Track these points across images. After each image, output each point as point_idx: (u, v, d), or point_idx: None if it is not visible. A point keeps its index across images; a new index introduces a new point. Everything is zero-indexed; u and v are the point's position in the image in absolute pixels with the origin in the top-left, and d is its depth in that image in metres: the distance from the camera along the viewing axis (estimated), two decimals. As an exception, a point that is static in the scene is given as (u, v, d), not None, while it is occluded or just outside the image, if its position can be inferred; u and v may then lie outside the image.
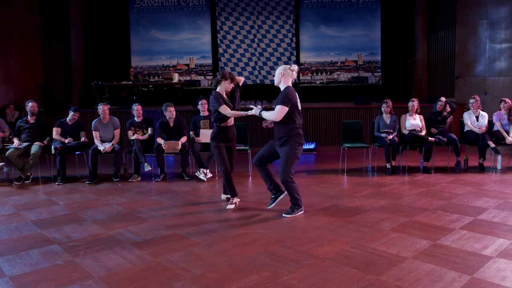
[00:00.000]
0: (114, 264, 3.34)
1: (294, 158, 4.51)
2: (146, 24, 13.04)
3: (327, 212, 4.70)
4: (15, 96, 11.10)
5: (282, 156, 4.56)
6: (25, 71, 11.31)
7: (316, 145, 9.52)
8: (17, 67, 11.21)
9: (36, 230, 4.27)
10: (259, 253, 3.53)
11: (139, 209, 4.94)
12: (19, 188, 6.31)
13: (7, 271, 3.25)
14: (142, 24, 13.04)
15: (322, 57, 13.04)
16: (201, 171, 6.59)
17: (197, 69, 13.16)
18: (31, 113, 6.91)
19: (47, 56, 11.82)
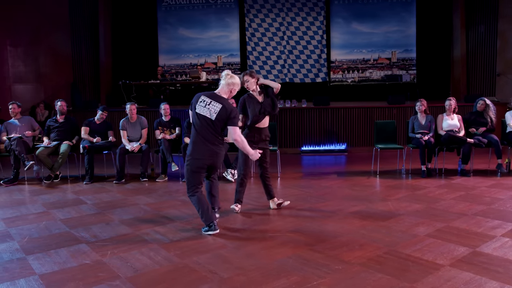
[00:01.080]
0: (141, 265, 3.40)
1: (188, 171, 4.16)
2: (174, 23, 13.23)
3: (359, 216, 4.63)
4: (45, 95, 11.48)
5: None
6: (55, 70, 11.68)
7: (347, 146, 9.41)
8: (47, 67, 11.59)
9: (65, 229, 4.39)
10: (288, 256, 3.51)
11: (166, 209, 5.01)
12: (48, 187, 6.51)
13: (37, 269, 3.36)
14: (170, 22, 13.24)
15: (354, 55, 12.88)
16: (228, 171, 6.62)
17: (225, 67, 13.25)
18: (60, 112, 7.12)
19: (76, 56, 12.17)
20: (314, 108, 9.48)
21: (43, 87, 11.58)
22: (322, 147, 9.43)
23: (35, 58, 11.46)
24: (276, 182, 6.59)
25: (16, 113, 7.09)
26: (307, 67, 12.92)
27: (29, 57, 11.35)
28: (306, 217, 4.62)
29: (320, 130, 9.46)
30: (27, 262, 3.51)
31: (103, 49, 12.36)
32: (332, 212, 4.81)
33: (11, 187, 6.54)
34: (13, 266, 3.43)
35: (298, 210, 4.92)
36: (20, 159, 6.65)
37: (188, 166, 4.11)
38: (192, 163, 4.10)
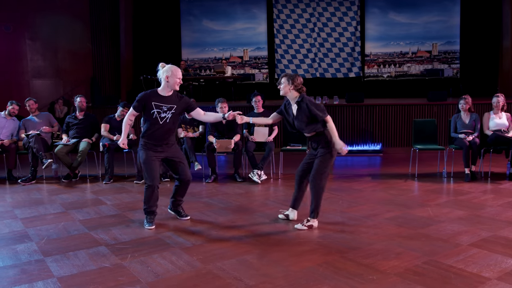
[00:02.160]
0: (162, 270, 3.45)
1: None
2: (197, 14, 13.35)
3: (395, 222, 4.56)
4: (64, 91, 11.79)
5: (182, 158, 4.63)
6: (74, 65, 11.97)
7: (383, 146, 9.29)
8: (66, 61, 11.89)
9: (84, 230, 4.50)
10: (318, 264, 3.49)
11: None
12: (67, 186, 6.68)
13: (55, 272, 3.45)
14: (194, 14, 13.37)
15: (391, 47, 12.70)
16: (255, 172, 6.64)
17: (252, 61, 13.29)
18: (79, 109, 7.29)
19: (96, 50, 12.44)
20: (347, 106, 9.39)
21: (62, 82, 11.90)
22: (355, 147, 9.34)
23: (54, 53, 11.78)
24: (305, 184, 6.54)
25: (33, 110, 7.30)
26: (339, 61, 12.82)
27: (48, 51, 11.68)
28: (337, 223, 4.59)
29: (353, 129, 9.37)
30: (46, 264, 3.61)
31: (124, 43, 12.59)
32: (365, 217, 4.76)
33: (29, 186, 6.74)
34: (31, 268, 3.54)
35: (329, 214, 4.89)
36: (38, 157, 6.84)
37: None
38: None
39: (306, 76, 12.88)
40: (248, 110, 9.15)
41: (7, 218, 5.00)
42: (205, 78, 12.53)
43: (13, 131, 7.23)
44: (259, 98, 7.13)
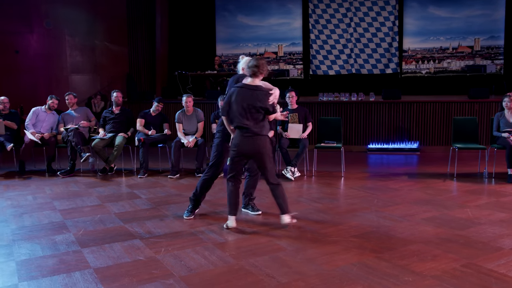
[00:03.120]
0: (195, 264, 3.50)
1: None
2: (232, 10, 13.40)
3: (432, 223, 4.46)
4: (101, 86, 12.08)
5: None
6: (111, 61, 12.25)
7: (420, 145, 9.09)
8: (103, 57, 12.18)
9: (119, 223, 4.61)
10: (351, 263, 3.46)
11: (221, 207, 5.10)
12: (103, 180, 6.86)
13: (92, 263, 3.55)
14: (229, 9, 13.42)
15: (430, 43, 12.38)
16: (288, 169, 6.63)
17: (286, 57, 13.24)
18: (115, 104, 7.45)
19: (132, 46, 12.68)
20: (383, 102, 9.24)
21: (99, 78, 12.19)
22: (391, 145, 9.18)
23: (92, 49, 12.08)
24: (340, 182, 6.50)
25: (72, 104, 7.51)
26: (376, 57, 12.60)
27: (86, 47, 11.98)
28: (372, 222, 4.53)
29: (389, 127, 9.21)
30: (82, 255, 3.72)
31: (160, 39, 12.78)
32: (401, 217, 4.68)
33: (68, 178, 6.96)
34: (69, 258, 3.65)
35: (363, 213, 4.83)
36: (76, 151, 7.04)
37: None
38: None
39: (342, 72, 12.72)
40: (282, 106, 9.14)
41: (46, 209, 5.18)
42: (239, 74, 12.56)
43: (53, 124, 7.47)
44: (293, 94, 7.11)
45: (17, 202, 5.52)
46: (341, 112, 9.34)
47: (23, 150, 7.10)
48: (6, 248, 3.91)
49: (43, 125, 7.37)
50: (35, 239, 4.14)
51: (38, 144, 7.17)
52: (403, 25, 12.43)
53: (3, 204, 5.45)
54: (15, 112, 7.67)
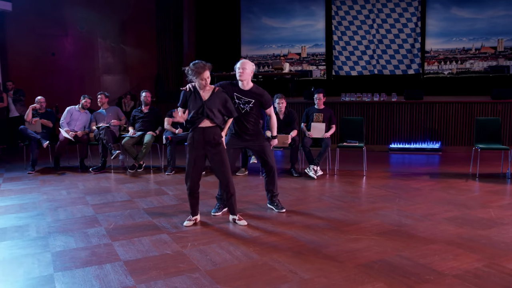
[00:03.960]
0: (220, 259, 3.52)
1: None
2: (257, 12, 13.40)
3: (454, 222, 4.38)
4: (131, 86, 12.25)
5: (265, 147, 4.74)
6: (141, 62, 12.41)
7: (442, 145, 8.92)
8: (133, 59, 12.35)
9: (148, 218, 4.67)
10: (373, 261, 3.43)
11: (245, 204, 5.11)
12: (132, 176, 6.96)
13: (122, 255, 3.61)
14: (253, 11, 13.43)
15: (452, 44, 12.14)
16: (311, 168, 6.60)
17: (309, 58, 13.18)
18: (144, 103, 7.55)
19: (161, 48, 12.82)
20: (405, 103, 9.10)
21: (129, 78, 12.37)
22: (413, 145, 9.04)
23: (123, 50, 12.26)
24: (361, 181, 6.44)
25: (103, 103, 7.64)
26: (398, 58, 12.43)
27: (117, 49, 12.17)
28: (393, 220, 4.47)
29: (411, 127, 9.07)
30: (113, 248, 3.78)
31: (187, 41, 12.88)
32: (423, 216, 4.60)
33: (99, 174, 7.08)
34: (100, 251, 3.73)
35: (385, 212, 4.77)
36: (107, 148, 7.17)
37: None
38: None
39: (364, 72, 12.58)
40: (305, 106, 9.11)
41: (79, 204, 5.29)
42: (263, 74, 12.58)
43: (86, 123, 7.61)
44: (321, 96, 7.05)
45: (52, 197, 5.65)
46: (363, 112, 9.24)
47: (58, 147, 7.27)
48: (43, 240, 4.02)
49: (77, 124, 7.52)
50: (69, 232, 4.23)
51: (71, 142, 7.32)
52: (426, 26, 12.22)
53: (40, 198, 5.59)
54: (51, 111, 7.86)
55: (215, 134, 4.24)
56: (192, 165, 4.30)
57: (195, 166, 4.30)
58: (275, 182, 4.88)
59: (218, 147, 4.25)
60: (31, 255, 3.68)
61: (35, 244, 3.92)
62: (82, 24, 11.60)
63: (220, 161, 4.27)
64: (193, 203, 4.43)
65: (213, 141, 4.23)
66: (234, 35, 13.50)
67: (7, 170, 7.46)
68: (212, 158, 4.29)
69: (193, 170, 4.31)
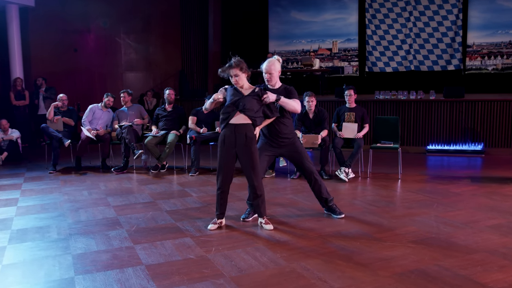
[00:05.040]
0: (245, 265, 3.52)
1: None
2: (286, 5, 13.38)
3: (499, 231, 4.25)
4: (154, 84, 12.43)
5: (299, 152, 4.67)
6: (164, 58, 12.58)
7: (484, 147, 8.70)
8: (157, 55, 12.53)
9: (170, 220, 4.71)
10: (409, 270, 3.36)
11: (272, 207, 5.10)
12: (155, 177, 7.05)
13: (144, 259, 3.66)
14: (282, 5, 13.41)
15: (497, 37, 11.81)
16: (342, 170, 6.54)
17: (341, 54, 13.08)
18: (168, 101, 7.63)
19: (185, 43, 12.96)
20: (445, 101, 8.92)
21: (152, 75, 12.56)
22: (453, 146, 8.85)
23: (146, 47, 12.45)
24: (396, 184, 6.34)
25: (126, 101, 7.76)
26: (437, 53, 12.18)
27: (140, 45, 12.37)
28: (431, 227, 4.38)
29: (451, 127, 8.88)
30: (135, 251, 3.83)
31: (212, 37, 12.97)
32: (463, 223, 4.49)
33: (121, 175, 7.20)
34: (122, 254, 3.78)
35: (421, 218, 4.68)
36: (130, 148, 7.28)
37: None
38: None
39: (400, 69, 12.39)
40: (336, 104, 9.05)
41: (101, 205, 5.39)
42: (292, 71, 12.54)
43: (108, 122, 7.76)
44: (352, 92, 6.98)
45: (73, 197, 5.78)
46: (398, 111, 9.10)
47: (79, 146, 7.42)
48: (64, 242, 4.11)
49: (99, 122, 7.67)
50: (90, 234, 4.31)
51: (93, 141, 7.47)
52: (468, 18, 11.93)
53: (61, 198, 5.72)
54: (73, 109, 8.04)
55: (248, 131, 4.29)
56: (223, 162, 4.37)
57: (226, 164, 4.37)
58: (322, 186, 4.78)
59: (249, 146, 4.29)
60: (52, 257, 3.76)
61: (56, 246, 4.01)
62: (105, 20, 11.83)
63: (249, 161, 4.30)
64: (221, 203, 4.47)
65: (244, 138, 4.27)
66: (262, 30, 13.51)
67: (29, 170, 7.67)
68: (241, 156, 4.33)
69: (224, 167, 4.37)
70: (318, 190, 4.76)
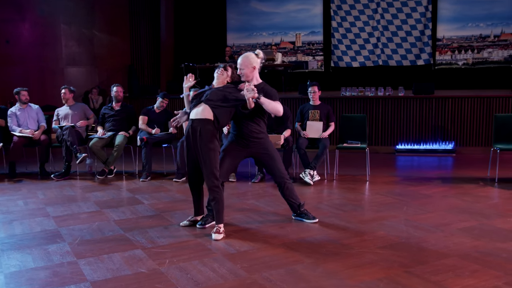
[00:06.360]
0: (203, 278, 3.50)
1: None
2: (245, -6, 13.40)
3: (470, 234, 4.41)
4: (100, 80, 12.18)
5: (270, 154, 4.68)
6: (111, 51, 12.35)
7: (456, 145, 8.99)
8: (102, 47, 12.28)
9: (119, 231, 4.64)
10: (377, 278, 3.43)
11: (232, 214, 5.10)
12: (101, 183, 6.91)
13: (88, 275, 3.58)
14: (241, -6, 13.43)
15: (468, 30, 12.23)
16: (306, 172, 6.61)
17: (305, 47, 13.22)
18: (115, 99, 7.50)
19: (134, 35, 12.77)
20: (414, 98, 9.16)
21: (97, 70, 12.30)
22: (423, 145, 9.10)
23: (89, 39, 12.18)
24: (364, 187, 6.46)
25: (67, 99, 7.57)
26: (405, 47, 12.51)
27: (84, 37, 12.09)
28: (401, 232, 4.49)
29: (421, 125, 9.13)
30: (78, 267, 3.75)
31: (165, 28, 12.83)
32: (434, 227, 4.63)
33: (62, 181, 7.03)
34: (63, 270, 3.68)
35: (391, 222, 4.79)
36: (72, 151, 7.11)
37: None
38: None
39: (367, 64, 12.64)
40: (300, 102, 9.13)
41: (39, 215, 5.24)
42: (252, 66, 12.54)
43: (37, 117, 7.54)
44: (316, 89, 7.06)
45: (6, 208, 5.59)
46: (366, 108, 9.28)
47: (12, 150, 7.18)
48: (-5, 258, 3.96)
49: (29, 122, 7.43)
50: (26, 249, 4.18)
51: (29, 143, 7.25)
52: (437, 10, 12.31)
53: (-8, 209, 5.53)
54: (5, 108, 7.78)
55: (202, 127, 4.35)
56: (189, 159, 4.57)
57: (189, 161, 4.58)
58: (293, 191, 4.83)
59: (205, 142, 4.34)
60: (-18, 275, 3.63)
61: (-13, 263, 3.87)
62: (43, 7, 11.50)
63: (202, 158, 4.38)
64: (193, 201, 4.80)
65: (199, 136, 4.34)
66: (219, 21, 13.48)
67: (-45, 177, 7.38)
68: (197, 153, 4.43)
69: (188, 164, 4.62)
70: (289, 195, 4.81)
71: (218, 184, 4.40)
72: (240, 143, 4.66)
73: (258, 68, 4.68)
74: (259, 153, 4.71)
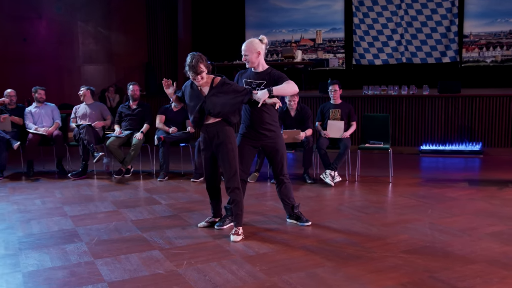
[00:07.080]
0: (221, 280, 3.52)
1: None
2: (264, -9, 13.42)
3: (499, 239, 4.35)
4: (117, 78, 12.30)
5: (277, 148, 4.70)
6: (128, 49, 12.47)
7: (483, 146, 8.88)
8: (119, 45, 12.41)
9: (136, 232, 4.68)
10: (401, 284, 3.41)
11: (251, 216, 5.11)
12: (118, 183, 6.98)
13: (106, 276, 3.62)
14: (260, -10, 13.44)
15: (497, 26, 12.06)
16: (327, 173, 6.59)
17: (325, 45, 13.18)
18: (132, 98, 7.57)
19: (152, 33, 12.86)
20: (439, 97, 9.08)
21: (114, 68, 12.44)
22: (449, 146, 9.01)
23: (106, 36, 12.32)
24: (387, 188, 6.42)
25: (85, 96, 7.65)
26: (430, 44, 12.39)
27: (101, 34, 12.23)
28: (425, 236, 4.45)
29: (446, 125, 9.04)
30: (95, 267, 3.80)
31: (182, 25, 12.91)
32: (460, 231, 4.58)
33: (80, 181, 7.12)
34: (80, 271, 3.74)
35: (414, 225, 4.75)
36: (89, 150, 7.19)
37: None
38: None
39: (390, 61, 12.55)
40: (321, 101, 9.11)
41: (56, 215, 5.31)
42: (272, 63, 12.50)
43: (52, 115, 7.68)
44: (337, 87, 7.04)
45: (24, 207, 5.68)
46: (389, 108, 9.22)
47: (27, 148, 7.29)
48: (12, 258, 4.03)
49: (44, 119, 7.55)
50: (44, 249, 4.25)
51: (44, 142, 7.37)
52: (464, 5, 12.17)
53: (9, 208, 5.62)
54: (23, 107, 7.90)
55: (219, 131, 4.38)
56: (206, 164, 4.67)
57: (206, 166, 4.67)
58: (291, 191, 4.87)
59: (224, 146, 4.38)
60: None
61: (3, 263, 3.93)
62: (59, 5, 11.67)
63: (223, 162, 4.43)
64: (211, 204, 4.83)
65: (216, 139, 4.38)
66: (238, 18, 13.52)
67: (-28, 176, 7.52)
68: (218, 156, 4.48)
69: (205, 169, 4.71)
70: (285, 195, 4.83)
71: (239, 186, 4.44)
72: (252, 135, 4.67)
73: (263, 53, 4.72)
74: (267, 146, 4.72)
